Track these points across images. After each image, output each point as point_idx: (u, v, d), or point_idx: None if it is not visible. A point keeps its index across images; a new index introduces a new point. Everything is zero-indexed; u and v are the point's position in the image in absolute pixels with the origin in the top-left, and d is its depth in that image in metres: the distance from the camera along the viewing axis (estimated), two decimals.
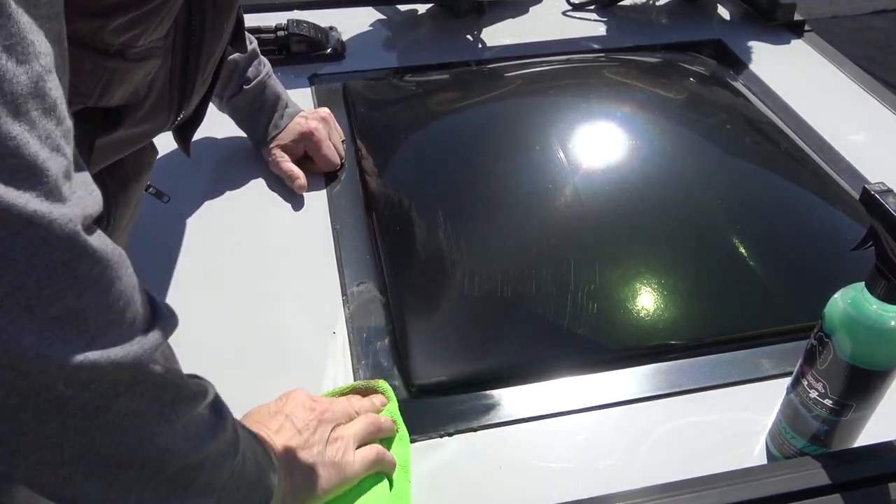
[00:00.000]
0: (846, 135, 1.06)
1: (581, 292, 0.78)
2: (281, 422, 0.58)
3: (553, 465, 0.66)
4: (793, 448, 0.63)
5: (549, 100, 1.08)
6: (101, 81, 0.51)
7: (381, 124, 1.07)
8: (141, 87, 0.56)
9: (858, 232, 0.56)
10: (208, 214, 0.93)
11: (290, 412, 0.60)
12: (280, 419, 0.59)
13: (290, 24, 1.20)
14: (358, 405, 0.65)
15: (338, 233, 0.89)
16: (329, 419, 0.60)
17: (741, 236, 0.85)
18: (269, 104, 0.97)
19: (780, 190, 0.95)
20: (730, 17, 1.39)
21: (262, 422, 0.59)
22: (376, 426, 0.63)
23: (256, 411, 0.61)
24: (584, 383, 0.72)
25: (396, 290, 0.81)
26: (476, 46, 1.28)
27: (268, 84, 0.96)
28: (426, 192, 0.93)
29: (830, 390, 0.58)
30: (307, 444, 0.58)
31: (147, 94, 0.58)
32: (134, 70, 0.53)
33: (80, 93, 0.50)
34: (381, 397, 0.68)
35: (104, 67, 0.50)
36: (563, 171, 0.91)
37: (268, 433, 0.57)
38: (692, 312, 0.78)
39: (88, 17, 0.44)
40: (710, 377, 0.73)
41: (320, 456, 0.57)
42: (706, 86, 1.17)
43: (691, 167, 0.95)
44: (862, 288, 0.55)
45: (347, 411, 0.63)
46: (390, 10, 1.37)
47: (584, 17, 1.38)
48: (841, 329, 0.56)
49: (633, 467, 0.65)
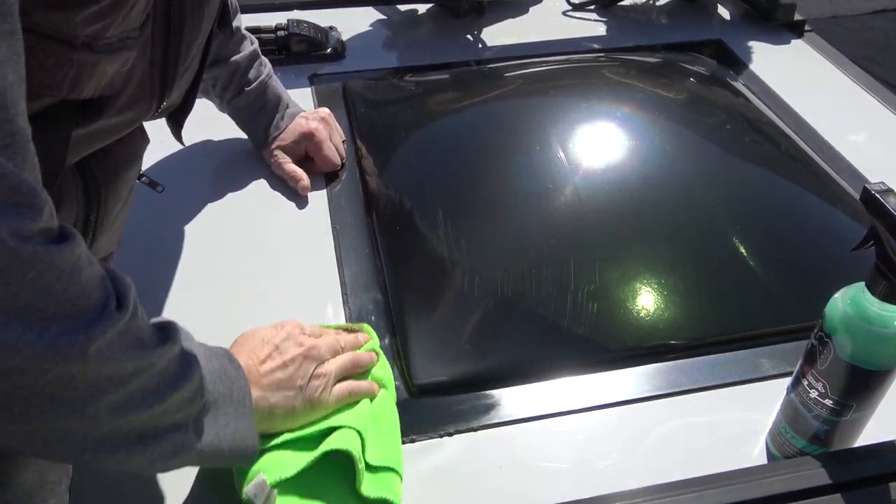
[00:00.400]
0: (846, 135, 1.06)
1: (581, 292, 0.78)
2: (269, 352, 0.63)
3: (553, 465, 0.66)
4: (793, 448, 0.63)
5: (549, 100, 1.08)
6: (69, 74, 0.50)
7: (381, 124, 1.07)
8: (117, 79, 0.55)
9: (858, 232, 0.56)
10: (208, 214, 0.93)
11: (280, 344, 0.64)
12: (269, 349, 0.63)
13: (290, 24, 1.20)
14: (343, 340, 0.69)
15: (338, 233, 0.89)
16: (314, 356, 0.65)
17: (741, 236, 0.85)
18: (269, 105, 0.97)
19: (780, 190, 0.95)
20: (730, 17, 1.39)
21: (254, 350, 0.63)
22: (355, 362, 0.68)
23: (251, 336, 0.65)
24: (584, 383, 0.72)
25: (396, 290, 0.81)
26: (476, 46, 1.28)
27: (269, 85, 0.96)
28: (426, 192, 0.93)
29: (830, 390, 0.58)
30: (290, 379, 0.62)
31: (126, 84, 0.57)
32: (105, 62, 0.52)
33: (49, 85, 0.50)
34: (365, 335, 0.72)
35: (70, 60, 0.50)
36: (563, 171, 0.91)
37: (255, 362, 0.62)
38: (692, 312, 0.78)
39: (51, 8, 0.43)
40: (710, 377, 0.73)
41: (300, 391, 0.62)
42: (706, 86, 1.17)
43: (691, 167, 0.95)
44: (862, 288, 0.55)
45: (333, 346, 0.68)
46: (390, 10, 1.37)
47: (584, 17, 1.38)
48: (841, 329, 0.56)
49: (633, 467, 0.65)
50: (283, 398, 0.61)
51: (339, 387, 0.65)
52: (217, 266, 0.85)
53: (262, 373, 0.61)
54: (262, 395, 0.60)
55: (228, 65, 0.93)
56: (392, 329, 0.77)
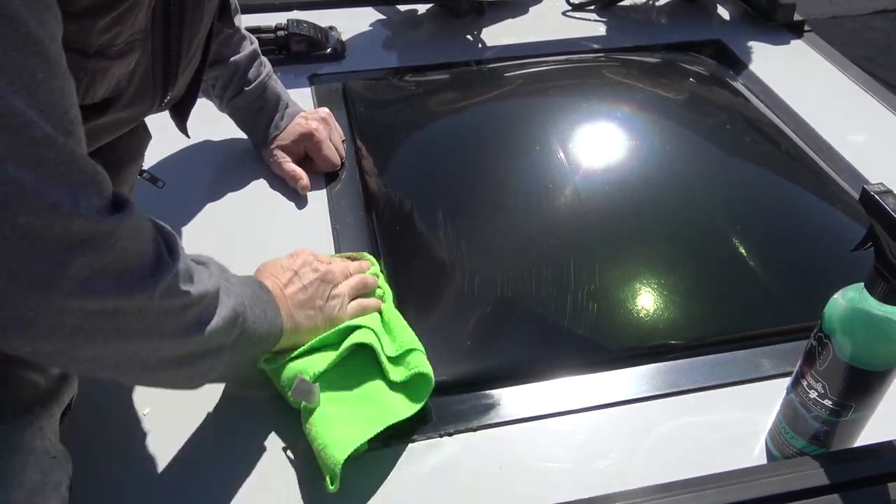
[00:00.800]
0: (846, 135, 1.06)
1: (581, 292, 0.78)
2: (290, 277, 0.71)
3: (553, 465, 0.66)
4: (793, 448, 0.63)
5: (548, 100, 1.08)
6: (84, 82, 0.51)
7: (381, 124, 1.07)
8: (123, 79, 0.56)
9: (858, 232, 0.56)
10: (208, 214, 0.93)
11: (298, 269, 0.72)
12: (289, 274, 0.71)
13: (290, 23, 1.20)
14: (351, 266, 0.78)
15: (338, 233, 0.89)
16: (329, 279, 0.73)
17: (741, 236, 0.85)
18: (269, 105, 0.97)
19: (780, 190, 0.95)
20: (730, 17, 1.39)
21: (276, 274, 0.71)
22: (364, 283, 0.76)
23: (271, 265, 0.73)
24: (584, 383, 0.72)
25: (396, 289, 0.81)
26: (476, 46, 1.28)
27: (268, 85, 0.96)
28: (426, 192, 0.93)
29: (830, 391, 0.58)
30: (311, 299, 0.70)
31: (129, 82, 0.58)
32: (115, 66, 0.54)
33: None
34: (367, 262, 0.81)
35: (85, 68, 0.51)
36: (563, 171, 0.91)
37: (278, 284, 0.69)
38: (692, 312, 0.79)
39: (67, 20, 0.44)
40: (710, 377, 0.73)
41: (320, 310, 0.71)
42: (706, 86, 1.17)
43: (691, 167, 0.95)
44: (861, 288, 0.55)
45: (344, 270, 0.76)
46: (390, 10, 1.37)
47: (584, 17, 1.38)
48: (840, 329, 0.56)
49: (633, 467, 0.65)
50: (306, 317, 0.69)
51: (352, 304, 0.74)
52: None
53: (286, 295, 0.69)
54: (288, 314, 0.67)
55: (228, 65, 0.93)
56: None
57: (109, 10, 0.49)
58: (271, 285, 0.68)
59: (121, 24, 0.51)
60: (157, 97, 0.63)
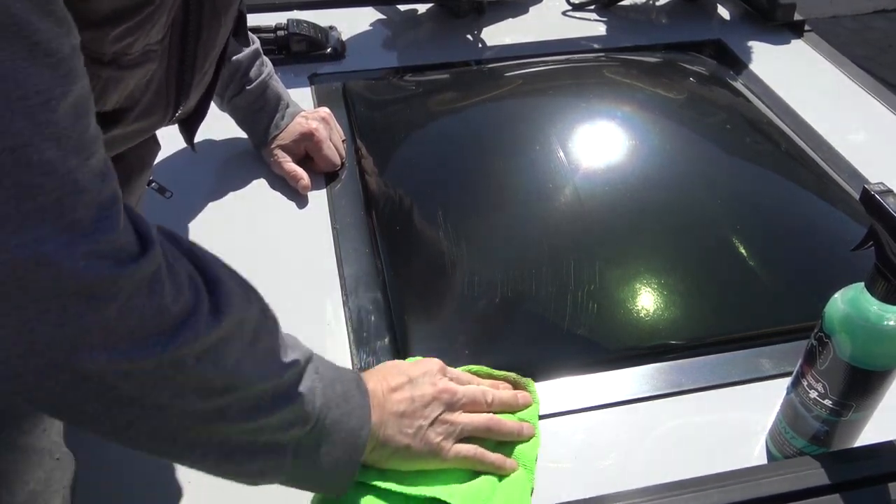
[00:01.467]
0: (846, 135, 1.06)
1: (581, 292, 0.78)
2: (402, 382, 0.60)
3: (553, 465, 0.66)
4: (793, 448, 0.63)
5: (548, 100, 1.08)
6: (97, 90, 0.51)
7: (381, 124, 1.07)
8: (137, 90, 0.56)
9: (858, 232, 0.55)
10: (207, 214, 0.93)
11: (415, 378, 0.61)
12: (402, 379, 0.60)
13: (290, 23, 1.20)
14: (493, 396, 0.64)
15: (338, 232, 0.89)
16: (446, 400, 0.60)
17: (741, 236, 0.85)
18: (270, 104, 0.97)
19: (780, 190, 0.95)
20: (730, 17, 1.39)
21: (386, 377, 0.60)
22: (493, 427, 0.62)
23: (390, 365, 0.63)
24: (584, 383, 0.72)
25: (396, 289, 0.81)
26: (476, 46, 1.28)
27: (269, 84, 0.96)
28: (426, 192, 0.93)
29: (830, 390, 0.58)
30: (413, 414, 0.59)
31: (143, 93, 0.58)
32: (129, 76, 0.53)
33: None
34: (526, 396, 0.67)
35: (99, 76, 0.50)
36: (563, 171, 0.91)
37: (384, 388, 0.59)
38: (692, 312, 0.78)
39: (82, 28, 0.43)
40: (710, 377, 0.73)
41: (419, 431, 0.58)
42: (706, 86, 1.17)
43: (691, 167, 0.95)
44: (862, 288, 0.55)
45: (476, 397, 0.63)
46: (390, 10, 1.37)
47: (584, 17, 1.38)
48: (841, 329, 0.56)
49: (633, 467, 0.65)
50: (400, 433, 0.58)
51: (464, 445, 0.60)
52: None
53: (386, 400, 0.58)
54: (380, 421, 0.57)
55: (230, 64, 0.93)
56: (392, 329, 0.77)
57: (126, 19, 0.48)
58: (374, 386, 0.58)
59: (136, 33, 0.50)
60: (169, 110, 0.63)
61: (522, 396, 0.67)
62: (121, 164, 0.63)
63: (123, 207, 0.42)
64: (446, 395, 0.61)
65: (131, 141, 0.63)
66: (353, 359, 0.74)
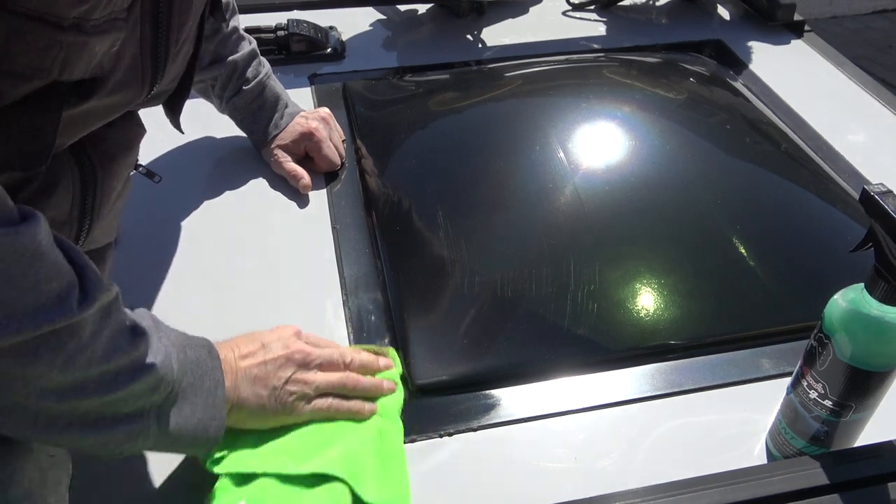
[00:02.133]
0: (846, 135, 1.06)
1: (581, 292, 0.78)
2: (254, 348, 0.62)
3: (553, 465, 0.66)
4: (792, 448, 0.63)
5: (548, 100, 1.08)
6: (60, 56, 0.50)
7: (381, 124, 1.07)
8: (106, 60, 0.55)
9: (858, 232, 0.56)
10: (208, 213, 0.93)
11: (268, 342, 0.62)
12: (255, 346, 0.62)
13: (290, 23, 1.20)
14: (352, 356, 0.66)
15: (338, 232, 0.90)
16: (298, 360, 0.62)
17: (741, 236, 0.85)
18: (268, 104, 0.97)
19: (780, 190, 0.95)
20: (730, 18, 1.39)
21: (238, 344, 0.62)
22: (348, 382, 0.64)
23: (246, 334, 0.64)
24: (584, 383, 0.72)
25: (396, 289, 0.81)
26: (476, 46, 1.28)
27: (267, 84, 0.96)
28: (426, 192, 0.93)
29: (830, 391, 0.58)
30: (265, 377, 0.60)
31: (115, 65, 0.56)
32: (93, 43, 0.52)
33: (39, 67, 0.50)
34: (388, 360, 0.69)
35: (59, 42, 0.49)
36: (563, 171, 0.91)
37: (235, 355, 0.60)
38: (692, 312, 0.78)
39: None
40: (710, 377, 0.73)
41: (273, 391, 0.60)
42: (706, 86, 1.17)
43: (691, 167, 0.95)
44: (862, 289, 0.55)
45: (331, 358, 0.64)
46: (390, 10, 1.37)
47: (584, 17, 1.38)
48: (841, 330, 0.56)
49: (633, 467, 0.65)
50: (254, 395, 0.60)
51: (319, 401, 0.63)
52: (216, 265, 0.85)
53: (239, 367, 0.60)
54: (233, 385, 0.59)
55: (227, 64, 0.93)
56: (392, 329, 0.77)
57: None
58: (226, 354, 0.60)
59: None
60: (145, 85, 0.62)
61: (384, 360, 0.68)
62: (104, 144, 0.63)
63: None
64: (299, 355, 0.62)
65: (108, 116, 0.62)
66: None
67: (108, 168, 0.66)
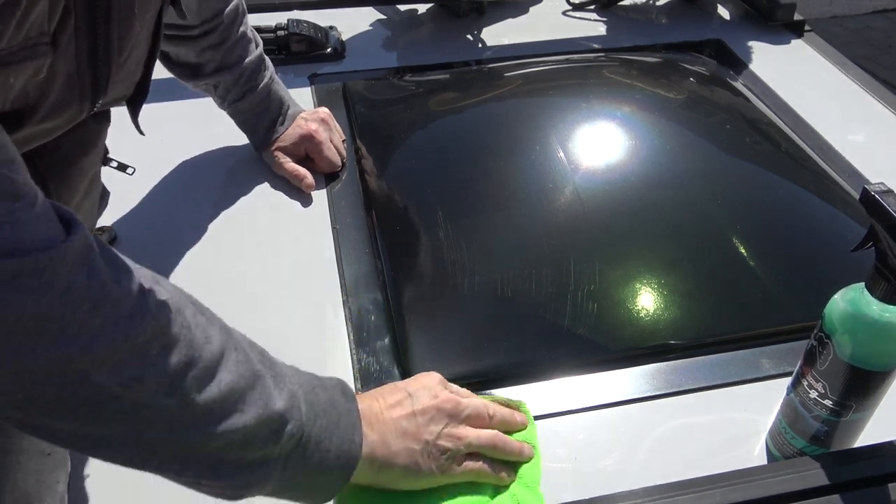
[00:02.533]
0: (846, 135, 1.06)
1: (581, 292, 0.78)
2: (400, 398, 0.57)
3: (553, 464, 0.65)
4: (793, 448, 0.63)
5: (548, 100, 1.08)
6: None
7: (381, 124, 1.07)
8: (32, 88, 0.50)
9: (858, 232, 0.56)
10: (208, 214, 0.93)
11: (413, 391, 0.58)
12: (401, 395, 0.57)
13: (290, 23, 1.20)
14: (494, 410, 0.61)
15: (338, 232, 0.89)
16: (450, 412, 0.57)
17: (741, 236, 0.85)
18: (271, 109, 0.96)
19: (780, 190, 0.95)
20: (730, 18, 1.39)
21: (382, 394, 0.57)
22: (499, 443, 0.60)
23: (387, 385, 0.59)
24: (584, 383, 0.72)
25: (396, 289, 0.81)
26: (476, 46, 1.28)
27: (271, 89, 0.96)
28: (426, 192, 0.93)
29: (830, 391, 0.58)
30: (417, 430, 0.55)
31: (45, 91, 0.52)
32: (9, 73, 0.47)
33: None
34: (523, 417, 0.64)
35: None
36: (563, 171, 0.91)
37: (380, 405, 0.56)
38: (692, 312, 0.78)
39: None
40: (710, 377, 0.73)
41: (426, 446, 0.55)
42: (706, 86, 1.17)
43: (691, 167, 0.95)
44: (862, 288, 0.55)
45: (479, 410, 0.60)
46: (390, 10, 1.37)
47: (584, 17, 1.38)
48: (841, 329, 0.56)
49: (633, 467, 0.65)
50: (406, 450, 0.54)
51: (470, 462, 0.57)
52: (216, 265, 0.85)
53: (386, 417, 0.55)
54: (382, 440, 0.53)
55: (232, 72, 0.91)
56: (392, 329, 0.77)
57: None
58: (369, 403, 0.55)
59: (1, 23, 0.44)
60: (85, 104, 0.57)
61: (520, 417, 0.64)
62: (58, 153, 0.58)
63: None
64: (449, 405, 0.57)
65: (49, 136, 0.57)
66: (353, 359, 0.74)
67: (64, 176, 0.61)
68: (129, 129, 0.71)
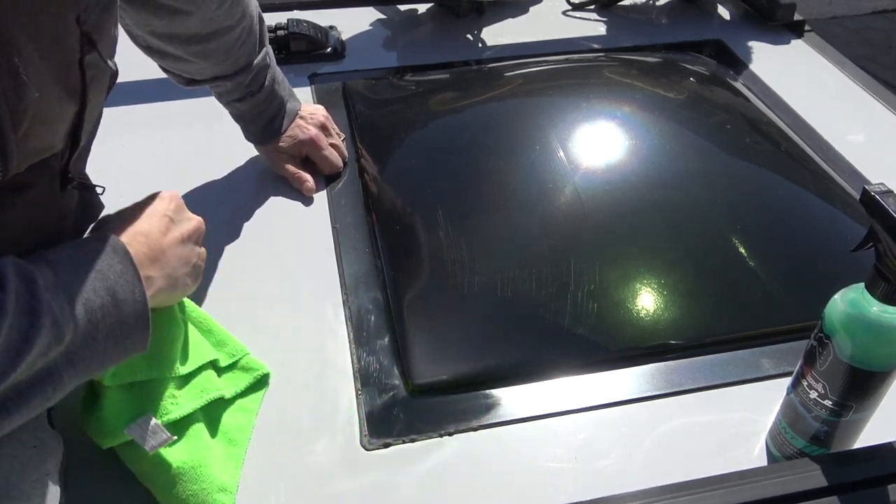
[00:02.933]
0: (846, 135, 1.06)
1: (581, 292, 0.78)
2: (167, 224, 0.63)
3: (553, 465, 0.66)
4: (793, 448, 0.63)
5: (548, 100, 1.08)
6: None
7: (381, 124, 1.07)
8: None
9: (858, 232, 0.56)
10: (207, 214, 0.92)
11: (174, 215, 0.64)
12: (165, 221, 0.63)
13: (290, 23, 1.20)
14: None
15: (338, 232, 0.89)
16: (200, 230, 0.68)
17: (741, 236, 0.85)
18: (271, 108, 0.96)
19: (780, 190, 0.95)
20: (730, 17, 1.39)
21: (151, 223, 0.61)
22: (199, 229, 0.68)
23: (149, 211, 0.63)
24: (584, 383, 0.72)
25: (396, 289, 0.81)
26: (476, 46, 1.28)
27: (273, 91, 0.95)
28: (426, 192, 0.93)
29: (830, 391, 0.58)
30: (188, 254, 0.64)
31: None
32: None
33: None
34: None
35: None
36: (563, 170, 0.91)
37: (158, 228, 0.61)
38: (692, 312, 0.78)
39: None
40: (710, 377, 0.73)
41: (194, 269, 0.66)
42: (706, 86, 1.17)
43: (691, 167, 0.95)
44: (862, 289, 0.55)
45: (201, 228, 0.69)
46: (390, 10, 1.37)
47: (584, 17, 1.38)
48: (841, 330, 0.56)
49: (633, 468, 0.65)
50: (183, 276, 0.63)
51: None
52: (216, 265, 0.85)
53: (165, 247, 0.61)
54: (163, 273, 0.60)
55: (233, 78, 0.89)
56: (392, 328, 0.77)
57: None
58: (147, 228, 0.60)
59: None
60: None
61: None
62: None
63: None
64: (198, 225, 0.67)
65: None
66: (353, 358, 0.74)
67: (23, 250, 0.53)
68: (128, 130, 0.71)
